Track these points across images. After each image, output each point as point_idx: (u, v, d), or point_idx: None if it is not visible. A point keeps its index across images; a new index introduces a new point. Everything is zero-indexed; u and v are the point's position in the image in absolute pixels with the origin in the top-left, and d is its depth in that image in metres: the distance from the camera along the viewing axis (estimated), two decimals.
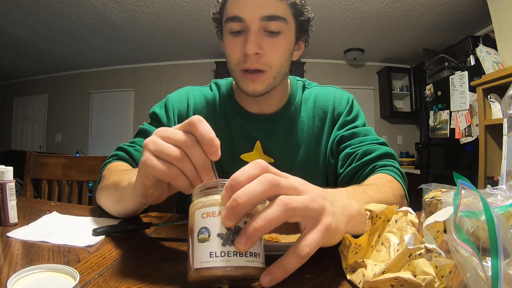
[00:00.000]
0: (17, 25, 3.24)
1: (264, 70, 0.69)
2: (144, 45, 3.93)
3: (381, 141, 0.78)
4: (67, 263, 0.43)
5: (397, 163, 0.74)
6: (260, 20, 0.65)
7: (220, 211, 0.31)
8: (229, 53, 0.71)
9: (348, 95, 0.86)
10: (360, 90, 4.43)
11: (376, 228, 0.42)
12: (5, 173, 0.62)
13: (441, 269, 0.31)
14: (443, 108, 2.70)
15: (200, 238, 0.31)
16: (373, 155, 0.73)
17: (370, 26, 3.30)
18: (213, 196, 0.33)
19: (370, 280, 0.34)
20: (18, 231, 0.57)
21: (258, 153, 0.79)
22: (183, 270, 0.43)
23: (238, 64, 0.69)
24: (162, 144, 0.37)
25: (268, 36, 0.67)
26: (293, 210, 0.31)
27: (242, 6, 0.65)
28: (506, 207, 0.46)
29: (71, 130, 4.88)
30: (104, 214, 0.71)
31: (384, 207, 0.41)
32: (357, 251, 0.40)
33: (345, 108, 0.82)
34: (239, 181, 0.32)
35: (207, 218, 0.32)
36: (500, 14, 2.21)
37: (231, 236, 0.31)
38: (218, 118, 0.81)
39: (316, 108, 0.83)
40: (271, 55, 0.68)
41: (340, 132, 0.79)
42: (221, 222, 0.31)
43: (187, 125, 0.37)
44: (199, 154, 0.37)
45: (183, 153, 0.37)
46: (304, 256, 0.32)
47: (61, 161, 1.27)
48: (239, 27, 0.67)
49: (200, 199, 0.34)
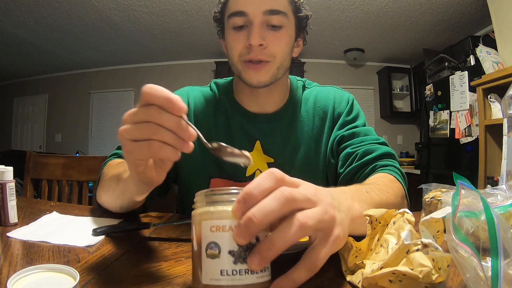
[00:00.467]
0: (17, 25, 3.24)
1: (268, 61, 0.70)
2: (144, 45, 3.93)
3: (382, 141, 0.78)
4: (67, 263, 0.43)
5: (397, 163, 0.74)
6: (263, 14, 0.68)
7: (231, 226, 0.29)
8: (231, 47, 0.72)
9: (348, 95, 0.86)
10: (360, 90, 4.43)
11: (376, 233, 0.42)
12: (5, 173, 0.62)
13: (438, 262, 0.32)
14: (443, 108, 2.70)
15: (209, 254, 0.30)
16: (374, 154, 0.73)
17: (370, 26, 3.30)
18: (222, 207, 0.30)
19: (369, 275, 0.34)
20: (18, 231, 0.57)
21: (258, 153, 0.79)
22: (183, 270, 0.43)
23: (241, 56, 0.71)
24: (132, 128, 0.37)
25: (270, 29, 0.69)
26: (309, 228, 0.30)
27: (245, 2, 0.68)
28: (506, 207, 0.46)
29: (71, 130, 4.87)
30: (104, 214, 0.71)
31: (384, 212, 0.41)
32: (357, 255, 0.40)
33: (345, 108, 0.82)
34: (253, 195, 0.30)
35: (216, 232, 0.30)
36: (500, 14, 2.21)
37: (243, 254, 0.29)
38: (218, 118, 0.81)
39: (316, 108, 0.83)
40: (274, 46, 0.70)
41: (340, 132, 0.79)
42: (232, 238, 0.29)
43: (142, 99, 0.37)
44: (167, 118, 0.36)
45: (154, 125, 0.36)
46: (316, 271, 0.31)
47: (61, 161, 1.27)
48: (242, 21, 0.69)
49: (208, 208, 0.31)
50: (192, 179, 0.81)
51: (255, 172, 0.79)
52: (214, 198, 0.31)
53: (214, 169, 0.79)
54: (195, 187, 0.82)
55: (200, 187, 0.34)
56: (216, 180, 0.79)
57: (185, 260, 0.45)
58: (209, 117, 0.81)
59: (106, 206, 0.67)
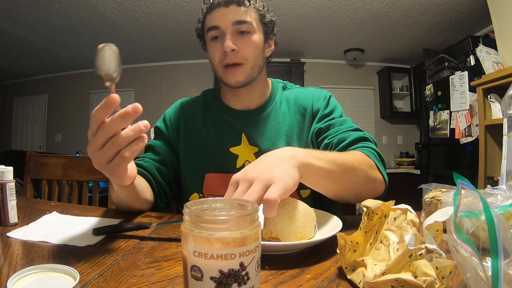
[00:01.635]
0: (17, 25, 3.24)
1: (242, 63, 0.82)
2: (144, 45, 3.92)
3: (355, 127, 0.84)
4: (67, 263, 0.43)
5: (373, 145, 0.78)
6: (232, 25, 0.80)
7: (213, 254, 0.29)
8: (212, 55, 0.85)
9: (326, 93, 0.94)
10: (360, 90, 4.43)
11: (373, 225, 0.42)
12: (5, 173, 0.62)
13: (442, 270, 0.31)
14: (443, 108, 2.70)
15: (193, 275, 0.30)
16: (347, 141, 0.78)
17: (370, 26, 3.30)
18: (206, 233, 0.29)
19: (371, 281, 0.34)
20: (18, 231, 0.57)
21: (245, 144, 0.87)
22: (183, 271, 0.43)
23: (220, 62, 0.83)
24: (96, 137, 0.49)
25: (240, 36, 0.82)
26: (257, 199, 0.46)
27: (217, 17, 0.81)
28: (506, 207, 0.46)
29: (71, 130, 4.87)
30: (104, 214, 0.71)
31: (380, 203, 0.41)
32: (355, 249, 0.40)
33: (323, 103, 0.90)
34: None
35: (199, 258, 0.29)
36: (500, 14, 2.21)
37: (225, 280, 0.29)
38: (207, 119, 0.92)
39: (297, 105, 0.91)
40: (245, 50, 0.81)
41: (318, 125, 0.87)
42: (213, 265, 0.29)
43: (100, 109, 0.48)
44: (115, 121, 0.47)
45: (106, 124, 0.48)
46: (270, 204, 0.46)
47: (61, 161, 1.26)
48: (217, 33, 0.82)
49: (192, 230, 0.30)
50: (189, 176, 0.88)
51: (244, 163, 0.86)
52: (199, 221, 0.30)
53: (207, 164, 0.87)
54: (190, 183, 0.89)
55: (195, 183, 0.37)
56: (210, 175, 0.86)
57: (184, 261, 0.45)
58: (198, 120, 0.92)
59: (117, 205, 0.76)
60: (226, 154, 0.86)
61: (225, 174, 0.85)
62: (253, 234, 0.30)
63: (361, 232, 0.40)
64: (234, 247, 0.29)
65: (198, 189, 0.86)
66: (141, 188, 0.72)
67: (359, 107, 4.43)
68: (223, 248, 0.29)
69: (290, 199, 0.52)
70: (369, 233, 0.42)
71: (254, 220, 0.31)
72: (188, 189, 0.89)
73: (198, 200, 0.34)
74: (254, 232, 0.31)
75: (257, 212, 0.32)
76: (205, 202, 0.35)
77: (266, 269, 0.43)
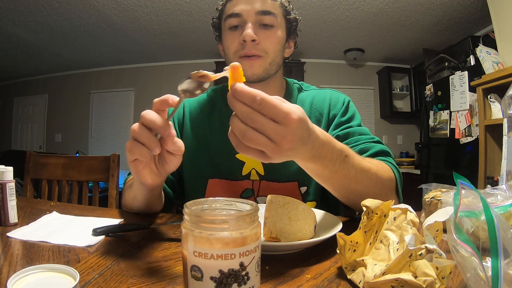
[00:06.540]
0: (17, 25, 3.24)
1: (261, 55, 0.76)
2: (144, 45, 3.92)
3: (376, 139, 0.79)
4: (67, 263, 0.43)
5: (393, 160, 0.75)
6: (256, 14, 0.75)
7: (213, 254, 0.29)
8: (228, 45, 0.78)
9: (344, 96, 0.88)
10: (360, 90, 4.43)
11: (373, 224, 0.42)
12: (5, 173, 0.62)
13: (442, 270, 0.31)
14: (443, 108, 2.70)
15: (193, 275, 0.30)
16: (369, 152, 0.74)
17: (370, 26, 3.30)
18: (206, 232, 0.30)
19: (371, 281, 0.34)
20: (18, 231, 0.57)
21: None
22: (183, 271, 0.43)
23: (236, 52, 0.76)
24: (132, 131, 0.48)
25: (262, 28, 0.76)
26: None
27: (240, 4, 0.75)
28: (506, 207, 0.46)
29: (71, 130, 4.87)
30: (104, 214, 0.71)
31: (380, 203, 0.41)
32: (355, 248, 0.40)
33: (340, 109, 0.84)
34: None
35: (199, 258, 0.29)
36: (500, 14, 2.21)
37: (224, 280, 0.29)
38: (213, 119, 0.86)
39: (312, 110, 0.85)
40: (266, 43, 0.76)
41: (335, 132, 0.80)
42: (213, 265, 0.29)
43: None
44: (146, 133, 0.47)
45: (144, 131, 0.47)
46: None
47: (61, 161, 1.26)
48: (237, 22, 0.76)
49: (193, 230, 0.30)
50: (191, 180, 0.84)
51: (250, 171, 0.80)
52: (199, 221, 0.30)
53: (210, 170, 0.82)
54: (193, 188, 0.86)
55: (198, 188, 0.36)
56: (214, 180, 0.82)
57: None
58: (203, 120, 0.87)
59: (129, 207, 0.75)
60: (231, 160, 0.80)
61: (230, 181, 0.81)
62: (253, 234, 0.30)
63: (360, 231, 0.40)
64: (234, 247, 0.29)
65: (201, 195, 0.82)
66: (160, 199, 0.72)
67: (359, 107, 4.35)
68: (223, 248, 0.29)
69: (290, 199, 0.52)
70: (368, 233, 0.41)
71: (254, 220, 0.31)
72: (190, 194, 0.85)
73: (198, 200, 0.35)
74: (254, 232, 0.31)
75: (257, 212, 0.32)
76: (205, 202, 0.35)
77: (266, 269, 0.43)
